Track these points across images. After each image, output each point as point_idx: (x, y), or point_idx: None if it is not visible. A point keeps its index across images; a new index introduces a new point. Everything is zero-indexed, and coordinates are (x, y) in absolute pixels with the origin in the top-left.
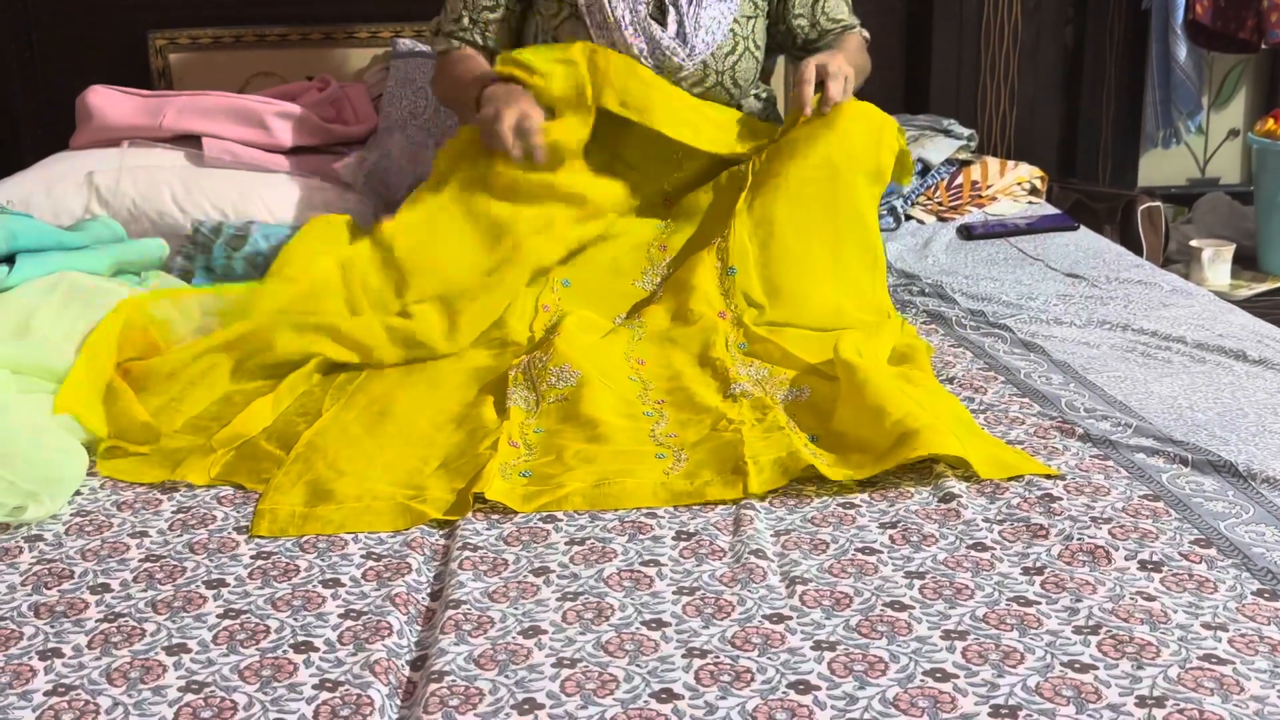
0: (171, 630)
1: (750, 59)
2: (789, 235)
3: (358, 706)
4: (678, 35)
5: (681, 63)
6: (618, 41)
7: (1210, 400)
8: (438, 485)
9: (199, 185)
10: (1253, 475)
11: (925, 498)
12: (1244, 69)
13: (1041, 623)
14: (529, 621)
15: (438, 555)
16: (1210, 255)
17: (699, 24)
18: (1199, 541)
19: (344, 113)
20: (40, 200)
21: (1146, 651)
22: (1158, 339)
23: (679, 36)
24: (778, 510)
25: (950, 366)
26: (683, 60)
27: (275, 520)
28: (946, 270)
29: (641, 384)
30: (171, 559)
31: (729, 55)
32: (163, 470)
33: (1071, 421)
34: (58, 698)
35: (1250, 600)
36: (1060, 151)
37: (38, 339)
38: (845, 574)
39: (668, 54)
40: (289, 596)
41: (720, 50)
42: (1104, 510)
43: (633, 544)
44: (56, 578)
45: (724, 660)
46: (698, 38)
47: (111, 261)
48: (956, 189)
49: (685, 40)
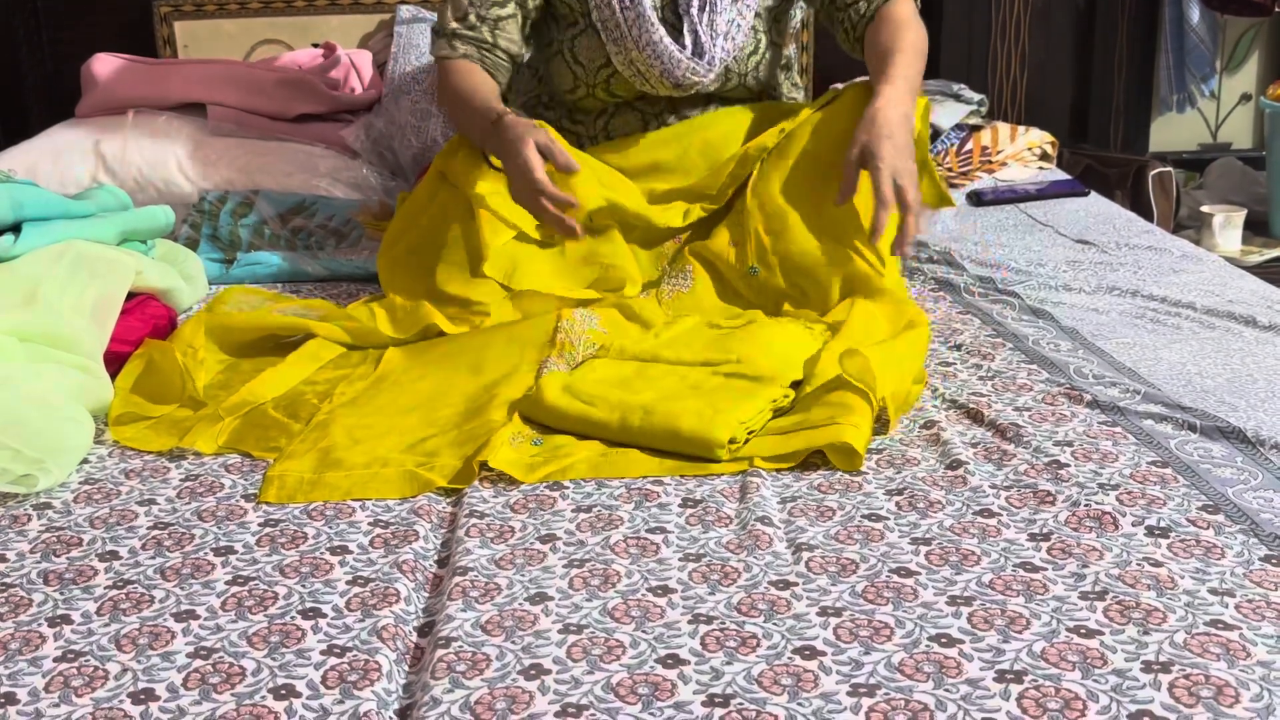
0: (180, 597)
1: (771, 55)
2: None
3: (365, 672)
4: (694, 48)
5: (700, 79)
6: (635, 59)
7: (1219, 366)
8: (447, 453)
9: (204, 153)
10: (1261, 441)
11: (932, 464)
12: (1257, 32)
13: (1048, 588)
14: (536, 588)
15: (445, 522)
16: (1221, 221)
17: (715, 31)
18: (1206, 508)
19: (349, 80)
20: (47, 169)
21: (1153, 617)
22: (1167, 305)
23: (695, 49)
24: (784, 478)
25: (958, 333)
26: (702, 75)
27: (284, 487)
28: (955, 237)
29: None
30: (180, 526)
31: (751, 55)
32: (170, 438)
33: (1080, 388)
34: (67, 664)
35: (1258, 566)
36: (1071, 116)
37: (44, 308)
38: (851, 540)
39: (686, 73)
40: (297, 563)
41: (742, 52)
42: (1111, 477)
43: (639, 511)
44: (65, 545)
45: (730, 626)
46: (716, 46)
47: (118, 230)
48: (966, 155)
49: (703, 53)
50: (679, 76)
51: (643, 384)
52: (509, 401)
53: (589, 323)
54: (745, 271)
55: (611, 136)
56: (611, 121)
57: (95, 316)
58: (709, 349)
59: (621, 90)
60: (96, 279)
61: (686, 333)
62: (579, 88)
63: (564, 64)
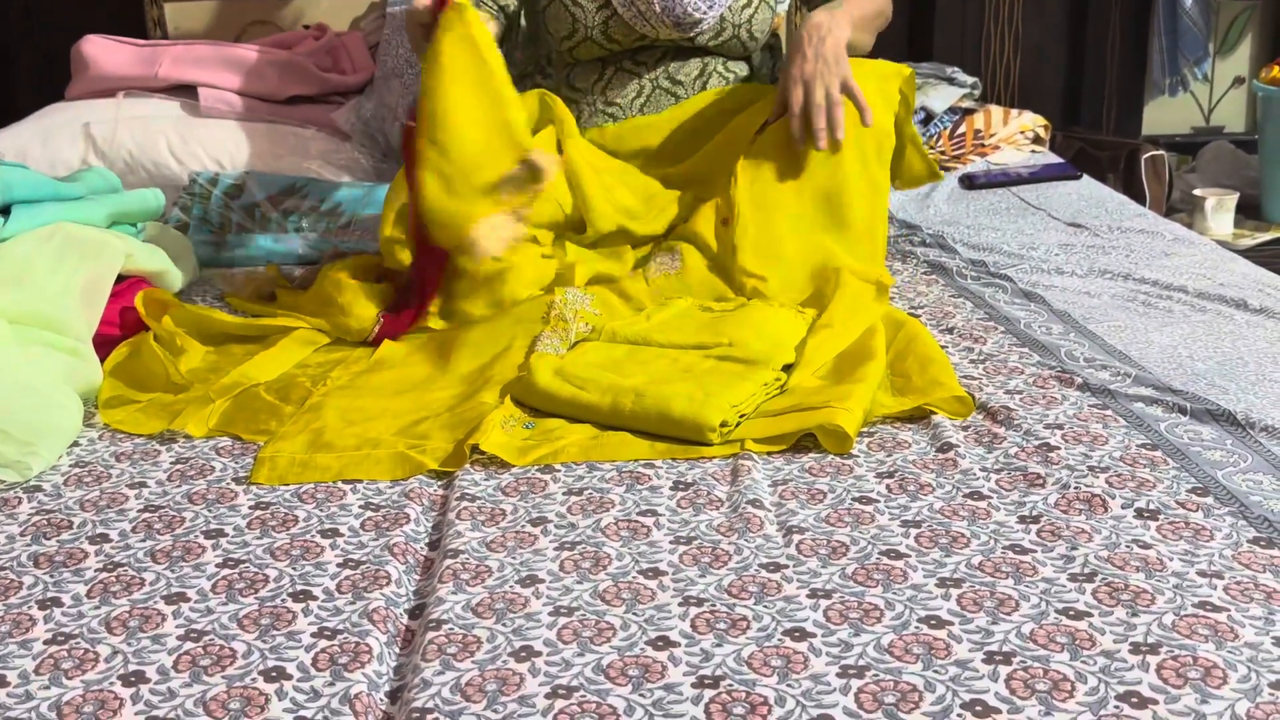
0: (170, 579)
1: (766, 9)
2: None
3: (356, 654)
4: None
5: (702, 16)
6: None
7: (1210, 349)
8: (439, 436)
9: (195, 136)
10: (1251, 424)
11: (923, 447)
12: (1250, 15)
13: (1037, 570)
14: (526, 571)
15: (436, 505)
16: (1213, 204)
17: None
18: (1196, 490)
19: (340, 61)
20: (36, 151)
21: (1141, 599)
22: (1159, 288)
23: None
24: (775, 460)
25: (950, 317)
26: (704, 13)
27: (275, 468)
28: (948, 220)
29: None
30: (170, 509)
31: (745, 8)
32: (161, 421)
33: (1071, 371)
34: (57, 646)
35: (1246, 548)
36: (1064, 99)
37: (33, 289)
38: (842, 523)
39: (688, 8)
40: (287, 546)
41: (737, 3)
42: (1101, 459)
43: (630, 494)
44: (55, 528)
45: (720, 608)
46: None
47: (108, 212)
48: (959, 138)
49: None
50: (679, 15)
51: (634, 367)
52: (502, 382)
53: (582, 303)
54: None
55: (610, 103)
56: (609, 87)
57: (85, 298)
58: (701, 332)
59: (619, 35)
60: (86, 261)
61: (678, 316)
62: (576, 32)
63: (563, 7)
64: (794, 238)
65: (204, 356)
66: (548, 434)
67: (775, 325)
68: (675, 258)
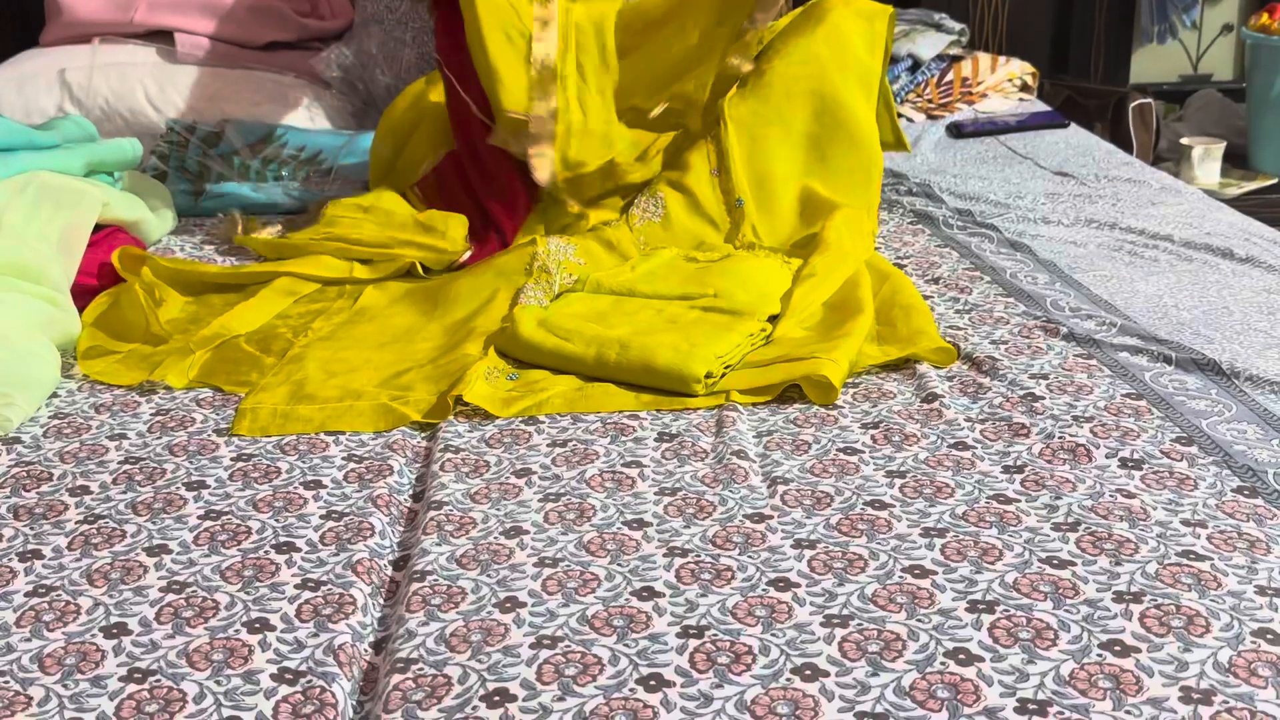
0: (152, 531)
1: None
2: (774, 134)
3: (340, 605)
4: None
5: None
6: None
7: (1196, 298)
8: (422, 387)
9: (172, 83)
10: (1236, 373)
11: (908, 398)
12: None
13: (1021, 520)
14: (511, 522)
15: (419, 457)
16: (1200, 153)
17: None
18: (1180, 439)
19: (319, 7)
20: (11, 99)
21: (1125, 548)
22: (1145, 237)
23: None
24: (760, 411)
25: (936, 267)
26: None
27: (256, 419)
28: (935, 169)
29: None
30: (151, 461)
31: None
32: (140, 372)
33: (1056, 321)
34: (38, 598)
35: (1230, 497)
36: (1052, 47)
37: (8, 236)
38: (826, 474)
39: None
40: (270, 498)
41: None
42: (1086, 409)
43: (615, 445)
44: (35, 480)
45: (705, 559)
46: None
47: (84, 161)
48: (947, 85)
49: None
50: None
51: (619, 318)
52: (485, 334)
53: (565, 252)
54: (732, 204)
55: None
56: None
57: (62, 247)
58: (686, 283)
59: None
60: (62, 210)
61: (663, 266)
62: None
63: None
64: (786, 172)
65: (183, 307)
66: (531, 385)
67: (760, 276)
68: (659, 204)
